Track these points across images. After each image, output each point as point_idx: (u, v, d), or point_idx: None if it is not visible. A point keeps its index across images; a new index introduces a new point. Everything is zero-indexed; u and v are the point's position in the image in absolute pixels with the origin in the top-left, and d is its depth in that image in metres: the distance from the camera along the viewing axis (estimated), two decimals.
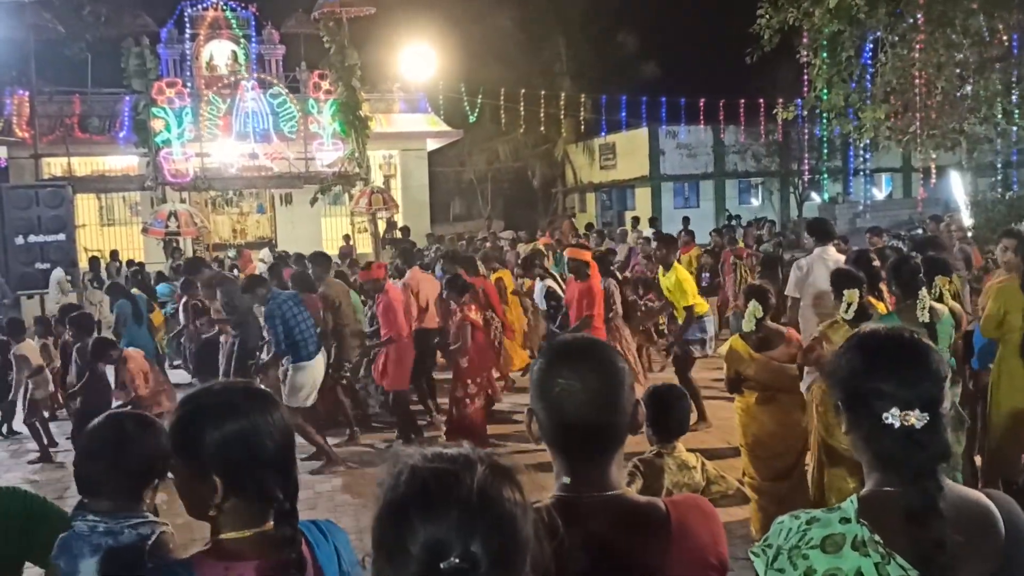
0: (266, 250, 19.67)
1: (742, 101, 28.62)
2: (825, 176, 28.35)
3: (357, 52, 21.07)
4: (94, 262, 16.98)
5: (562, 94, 28.76)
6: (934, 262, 5.80)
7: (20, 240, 14.74)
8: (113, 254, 19.30)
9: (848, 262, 6.28)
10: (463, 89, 26.39)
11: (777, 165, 32.40)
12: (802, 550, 1.65)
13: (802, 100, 16.80)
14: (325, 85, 21.39)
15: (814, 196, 31.97)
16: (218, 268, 14.15)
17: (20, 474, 8.45)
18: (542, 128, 29.21)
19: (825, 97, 15.30)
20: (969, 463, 5.75)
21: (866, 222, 22.96)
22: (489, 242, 18.21)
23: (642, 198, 32.39)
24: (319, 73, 21.54)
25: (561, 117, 29.17)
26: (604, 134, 32.32)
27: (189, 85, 20.76)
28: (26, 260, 14.63)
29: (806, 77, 16.05)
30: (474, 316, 8.39)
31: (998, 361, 5.69)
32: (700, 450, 4.25)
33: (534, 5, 32.66)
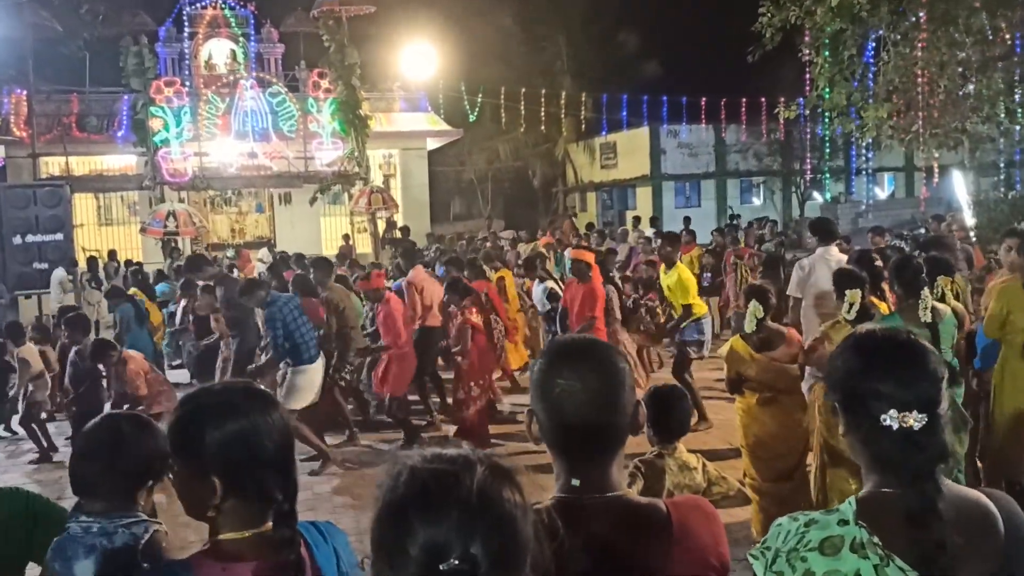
0: (265, 250, 19.73)
1: (744, 100, 28.59)
2: (827, 175, 28.36)
3: (357, 51, 21.12)
4: (92, 262, 16.91)
5: (563, 93, 28.75)
6: (936, 262, 5.77)
7: (18, 240, 14.77)
8: (111, 254, 19.24)
9: (850, 262, 6.26)
10: (463, 88, 26.37)
11: (779, 164, 32.37)
12: (800, 552, 1.65)
13: (804, 99, 16.80)
14: (324, 84, 21.40)
15: (816, 196, 31.99)
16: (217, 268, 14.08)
17: (19, 475, 8.41)
18: (543, 127, 29.21)
19: (827, 96, 15.27)
20: (972, 464, 5.71)
21: (868, 222, 22.94)
22: (489, 242, 18.21)
23: (643, 197, 32.38)
24: (318, 72, 21.55)
25: (562, 116, 29.18)
26: (605, 133, 32.23)
27: (188, 84, 20.78)
28: (24, 260, 14.65)
29: (808, 76, 16.01)
30: (475, 319, 8.39)
31: (1001, 362, 5.67)
32: (701, 451, 4.22)
33: (535, 4, 32.64)
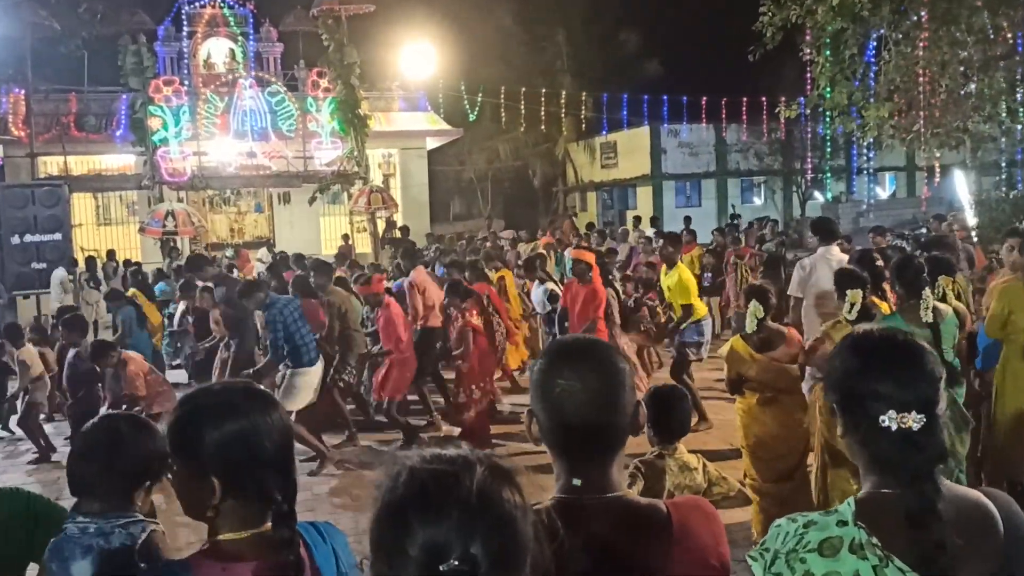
0: (264, 249, 19.74)
1: (744, 99, 28.60)
2: (828, 175, 28.29)
3: (356, 50, 21.10)
4: (90, 262, 16.92)
5: (563, 92, 28.72)
6: (938, 262, 5.75)
7: (16, 240, 14.71)
8: (110, 254, 19.20)
9: (851, 262, 6.25)
10: (463, 87, 26.34)
11: (780, 164, 32.37)
12: (800, 554, 1.65)
13: (805, 98, 16.71)
14: (324, 83, 21.37)
15: (817, 195, 31.98)
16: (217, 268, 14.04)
17: (18, 475, 8.40)
18: (543, 127, 29.20)
19: (828, 95, 15.17)
20: (973, 464, 5.68)
21: (869, 221, 22.95)
22: (489, 241, 18.15)
23: (643, 197, 32.36)
24: (318, 71, 21.53)
25: (562, 115, 29.14)
26: (605, 132, 32.23)
27: (186, 83, 20.76)
28: (22, 260, 14.60)
29: (809, 75, 15.91)
30: (475, 321, 8.41)
31: (1002, 362, 5.68)
32: (701, 451, 4.23)
33: (535, 3, 32.62)
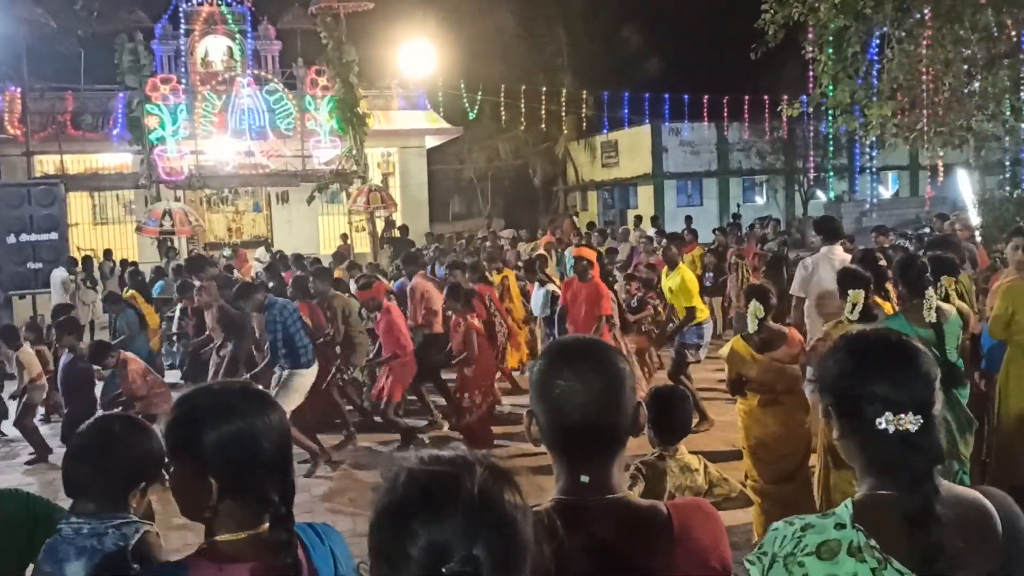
0: (262, 249, 19.68)
1: (746, 98, 28.60)
2: (831, 174, 28.27)
3: (355, 48, 21.08)
4: (87, 261, 16.86)
5: (563, 90, 28.67)
6: (940, 261, 5.68)
7: (12, 239, 14.61)
8: (107, 253, 19.14)
9: (854, 261, 6.26)
10: (463, 85, 26.30)
11: (782, 163, 32.33)
12: (797, 557, 1.65)
13: (807, 97, 16.67)
14: (322, 81, 21.31)
15: (819, 194, 31.93)
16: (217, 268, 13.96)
17: (15, 476, 8.36)
18: (543, 125, 29.18)
19: (831, 94, 15.08)
20: (977, 465, 5.63)
21: (872, 221, 22.87)
22: (489, 241, 18.07)
23: (644, 196, 32.29)
24: (316, 69, 21.47)
25: (562, 114, 29.10)
26: (606, 131, 32.23)
27: (184, 81, 20.68)
28: (18, 259, 14.52)
29: (811, 73, 15.83)
30: (477, 323, 8.48)
31: (1006, 362, 5.68)
32: (703, 452, 4.23)
33: (535, 0, 32.45)
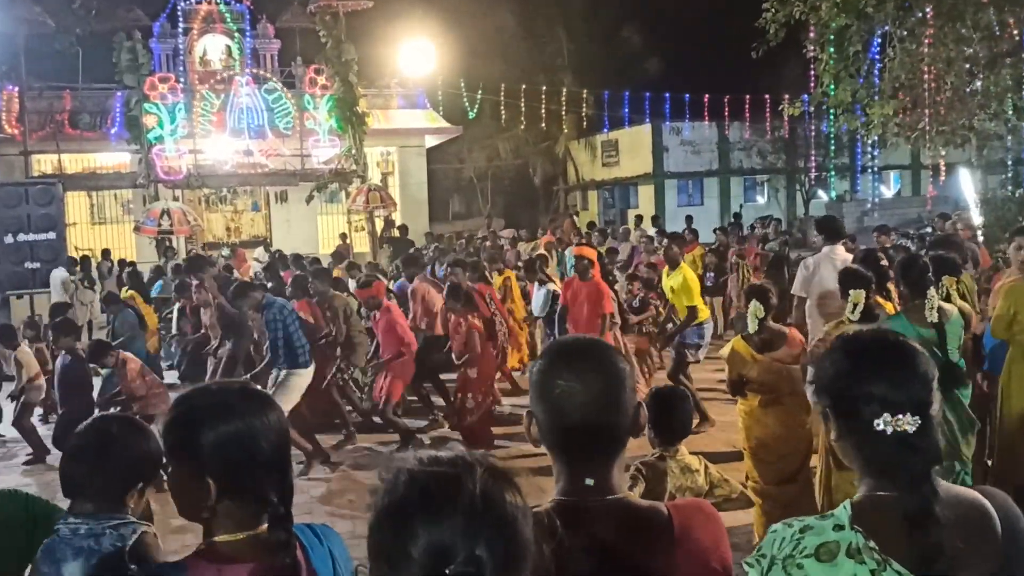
0: (261, 249, 19.66)
1: (747, 97, 28.60)
2: (832, 173, 28.23)
3: (354, 46, 21.04)
4: (85, 261, 16.87)
5: (564, 89, 28.66)
6: (942, 261, 5.66)
7: (9, 239, 14.54)
8: (105, 253, 19.16)
9: (856, 261, 6.24)
10: (463, 84, 26.26)
11: (783, 162, 32.32)
12: (796, 559, 1.64)
13: (808, 96, 16.67)
14: (321, 80, 21.24)
15: (821, 194, 31.91)
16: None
17: (13, 477, 8.32)
18: (543, 124, 29.20)
19: (832, 93, 15.05)
20: (979, 466, 5.61)
21: (874, 220, 22.84)
22: (489, 241, 18.00)
23: (645, 196, 32.27)
24: (315, 68, 21.40)
25: (563, 113, 29.08)
26: (607, 130, 32.23)
27: (182, 80, 20.62)
28: (15, 259, 14.44)
29: (813, 72, 15.79)
30: (477, 323, 8.50)
31: (1008, 362, 5.64)
32: (703, 453, 4.22)
33: None
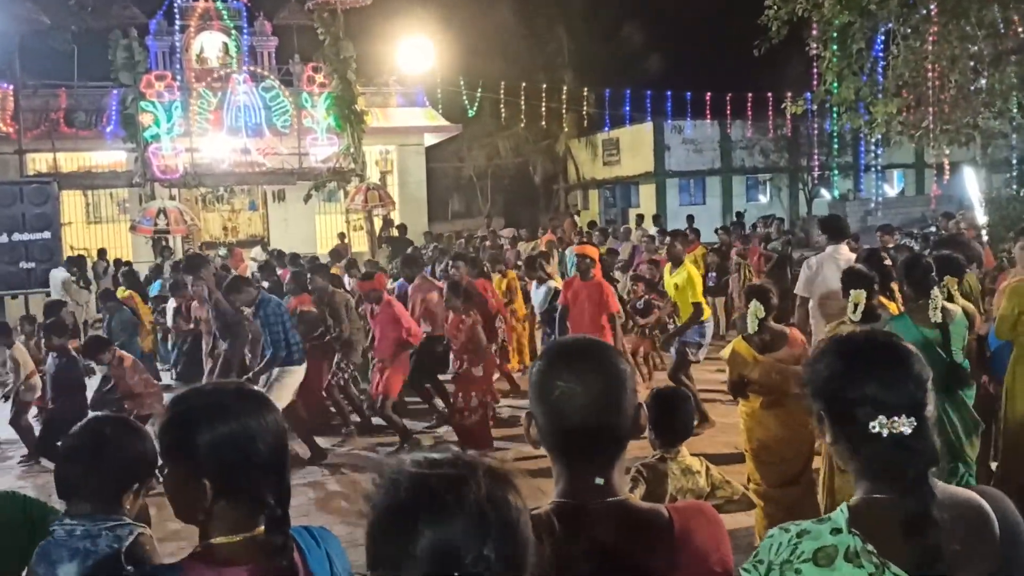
0: (258, 248, 19.63)
1: (749, 95, 28.59)
2: (835, 172, 28.17)
3: (352, 44, 20.94)
4: (80, 261, 16.79)
5: (564, 88, 28.63)
6: (946, 261, 5.57)
7: (4, 238, 14.52)
8: (101, 252, 19.12)
9: (859, 261, 6.21)
10: (462, 82, 26.22)
11: (786, 161, 32.31)
12: (794, 564, 1.63)
13: (811, 94, 16.65)
14: (319, 78, 21.11)
15: (824, 193, 31.89)
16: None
17: (8, 478, 8.32)
18: (544, 123, 29.23)
19: (835, 91, 15.00)
20: (984, 467, 5.60)
21: (877, 220, 22.74)
22: (489, 240, 17.90)
23: (646, 195, 32.23)
24: (313, 66, 21.27)
25: (563, 111, 29.07)
26: (607, 129, 32.23)
27: (179, 78, 20.49)
28: (10, 259, 14.45)
29: (815, 70, 15.73)
30: (477, 319, 8.51)
31: (1013, 363, 5.63)
32: (705, 454, 4.23)
33: None
